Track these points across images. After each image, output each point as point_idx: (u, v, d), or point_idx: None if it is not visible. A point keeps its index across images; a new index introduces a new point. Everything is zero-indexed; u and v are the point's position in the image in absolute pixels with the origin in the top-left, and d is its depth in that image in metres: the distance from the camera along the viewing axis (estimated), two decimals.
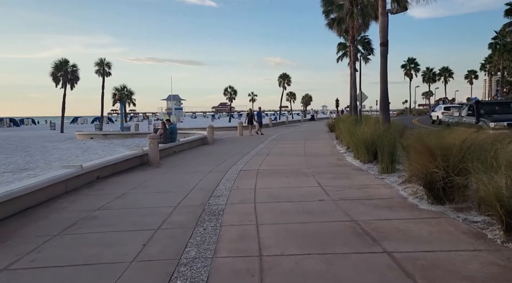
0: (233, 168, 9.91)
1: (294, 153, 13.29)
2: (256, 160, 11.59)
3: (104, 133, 27.15)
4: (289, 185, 7.49)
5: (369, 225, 4.64)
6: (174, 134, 14.60)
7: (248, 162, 11.08)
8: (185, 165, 11.20)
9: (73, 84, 38.12)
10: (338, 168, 9.35)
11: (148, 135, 11.55)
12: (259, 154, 13.27)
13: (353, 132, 11.62)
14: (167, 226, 4.97)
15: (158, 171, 9.94)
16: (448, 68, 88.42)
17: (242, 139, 20.86)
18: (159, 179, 8.82)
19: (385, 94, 13.74)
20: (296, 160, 11.30)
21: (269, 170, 9.51)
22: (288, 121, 47.71)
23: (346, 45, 40.62)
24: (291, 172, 9.00)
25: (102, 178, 8.91)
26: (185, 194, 6.91)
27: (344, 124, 15.46)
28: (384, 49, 13.47)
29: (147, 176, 9.14)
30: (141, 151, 11.29)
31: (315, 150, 13.96)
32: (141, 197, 6.87)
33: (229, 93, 67.87)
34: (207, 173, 9.24)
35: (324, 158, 11.52)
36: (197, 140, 17.61)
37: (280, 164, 10.58)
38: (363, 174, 8.37)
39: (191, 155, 13.67)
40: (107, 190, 7.54)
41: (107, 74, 39.83)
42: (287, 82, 73.49)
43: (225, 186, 7.51)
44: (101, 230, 4.90)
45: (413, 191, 6.15)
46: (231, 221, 5.04)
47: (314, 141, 17.72)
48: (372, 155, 9.44)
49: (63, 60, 37.66)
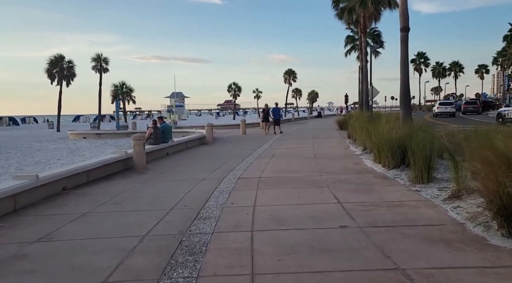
0: (230, 175, 8.29)
1: (302, 154, 11.64)
2: (259, 163, 9.95)
3: (97, 133, 25.63)
4: (298, 200, 5.84)
5: (427, 280, 2.99)
6: (167, 134, 13.01)
7: (249, 167, 9.45)
8: (175, 170, 9.60)
9: (69, 81, 36.57)
10: (357, 175, 7.68)
11: (133, 135, 9.99)
12: (262, 156, 11.64)
13: (371, 131, 9.95)
14: (118, 277, 3.35)
15: (142, 179, 8.34)
16: (458, 63, 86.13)
17: (244, 139, 19.24)
18: (138, 190, 7.22)
19: (406, 87, 12.02)
20: (305, 163, 9.65)
21: (273, 177, 7.87)
22: (294, 119, 45.93)
23: (354, 38, 38.79)
24: (300, 181, 7.36)
25: (70, 188, 7.34)
26: (163, 214, 5.30)
27: (358, 122, 13.78)
28: (404, 35, 11.74)
29: (127, 186, 7.55)
30: (124, 154, 9.71)
31: (326, 150, 12.29)
32: (104, 220, 5.27)
33: (233, 90, 66.17)
34: (199, 182, 7.63)
35: (338, 161, 9.85)
36: (195, 140, 16.01)
37: (286, 169, 8.94)
38: (390, 184, 6.70)
39: (185, 157, 12.07)
40: (68, 207, 5.95)
41: (104, 71, 38.24)
42: (292, 79, 71.58)
43: (216, 202, 5.89)
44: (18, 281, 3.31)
45: (469, 213, 4.48)
46: (214, 267, 3.42)
47: (323, 140, 16.04)
48: (398, 158, 7.76)
49: (59, 56, 36.11)
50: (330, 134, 19.66)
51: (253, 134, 21.69)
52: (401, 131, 7.92)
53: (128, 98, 41.58)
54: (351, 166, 8.97)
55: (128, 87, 41.28)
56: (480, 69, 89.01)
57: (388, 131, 8.26)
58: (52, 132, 34.46)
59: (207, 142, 16.57)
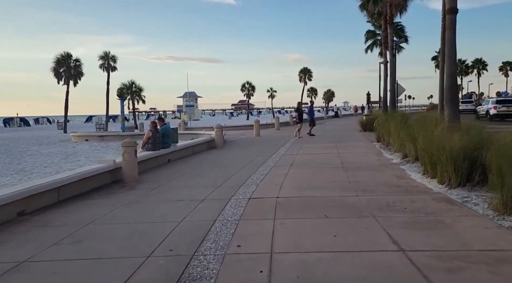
0: (239, 193, 6.45)
1: (327, 162, 9.72)
2: (275, 175, 8.08)
3: (100, 135, 24.07)
4: (335, 242, 3.95)
5: None
6: (168, 138, 11.26)
7: (263, 180, 7.59)
8: (173, 184, 7.80)
9: (77, 80, 35.21)
10: (409, 196, 5.73)
11: (123, 141, 8.24)
12: (279, 164, 9.76)
13: (416, 135, 7.99)
14: None
15: (126, 198, 6.56)
16: (481, 60, 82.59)
17: (258, 142, 17.38)
18: (115, 216, 5.43)
19: (453, 81, 9.95)
20: (333, 176, 7.74)
21: (295, 198, 5.99)
22: None
23: (375, 33, 36.52)
24: (332, 204, 5.46)
25: (31, 212, 5.61)
26: (135, 266, 3.50)
27: (391, 123, 11.76)
28: (451, 18, 9.67)
29: (102, 210, 5.77)
30: (111, 164, 7.97)
31: (355, 157, 10.34)
32: (39, 279, 3.47)
33: (246, 89, 64.33)
34: (198, 204, 5.82)
35: (375, 173, 7.90)
36: (202, 144, 14.23)
37: (310, 184, 7.05)
38: (464, 214, 4.74)
39: (188, 166, 10.28)
40: (5, 249, 4.20)
41: (112, 69, 36.81)
42: (308, 77, 69.48)
43: (216, 243, 4.05)
44: None
45: None
46: None
47: (348, 144, 14.06)
48: (464, 174, 5.77)
49: (66, 54, 34.77)
50: (354, 136, 17.63)
51: (267, 137, 19.83)
52: (467, 138, 5.93)
53: (137, 98, 40.17)
54: (394, 180, 7.01)
55: (137, 86, 39.82)
56: (504, 67, 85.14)
57: (449, 138, 6.25)
58: (58, 134, 33.20)
59: (216, 145, 14.78)
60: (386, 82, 26.32)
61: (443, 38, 12.78)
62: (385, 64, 27.14)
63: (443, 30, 12.77)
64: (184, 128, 28.24)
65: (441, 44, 13.27)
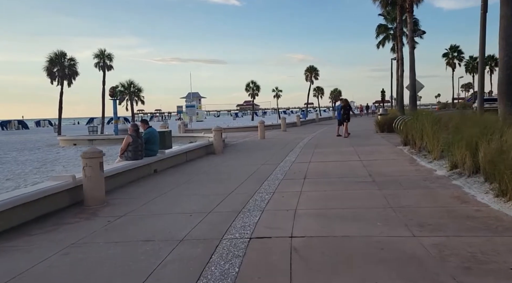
0: (235, 227, 4.44)
1: (350, 173, 7.70)
2: (285, 194, 6.07)
3: (90, 139, 22.08)
4: None
5: None
6: (154, 144, 9.27)
7: (269, 203, 5.57)
8: (147, 208, 5.80)
9: (71, 80, 33.34)
10: (500, 240, 3.68)
11: (83, 151, 6.27)
12: (289, 176, 7.75)
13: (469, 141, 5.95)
14: None
15: (75, 235, 4.56)
16: (494, 57, 79.48)
17: (263, 145, 15.37)
18: (34, 279, 3.43)
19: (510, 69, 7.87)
20: (365, 195, 5.71)
21: (320, 240, 3.95)
22: (319, 119, 41.85)
23: (387, 27, 34.43)
24: (380, 257, 3.43)
25: None
26: None
27: (423, 123, 9.69)
28: None
29: (26, 260, 3.79)
30: (70, 181, 6.03)
31: (383, 166, 8.29)
32: None
33: (251, 89, 62.32)
34: (171, 249, 3.83)
35: (422, 192, 5.83)
36: (199, 149, 12.23)
37: (336, 211, 5.02)
38: None
39: (175, 179, 8.29)
40: None
41: (108, 68, 34.84)
42: (314, 76, 67.30)
43: None
44: None
45: None
46: None
47: (369, 148, 12.00)
48: None
49: (59, 52, 32.77)
50: (372, 138, 15.55)
51: (273, 139, 17.81)
52: None
53: (136, 99, 38.18)
54: (456, 206, 4.95)
55: (136, 86, 37.85)
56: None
57: None
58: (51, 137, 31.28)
59: (214, 151, 12.78)
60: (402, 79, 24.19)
61: (483, 19, 10.71)
62: (400, 59, 25.01)
63: (484, 12, 10.72)
64: (184, 131, 26.33)
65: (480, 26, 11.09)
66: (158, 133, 13.13)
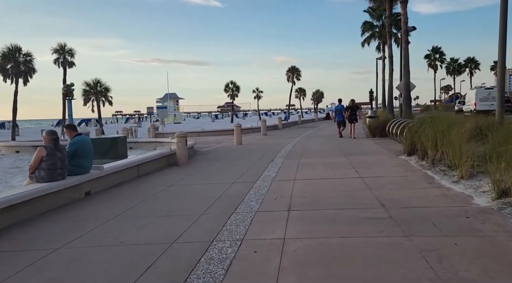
0: None
1: (351, 200, 5.50)
2: (258, 251, 3.79)
3: (34, 145, 19.36)
4: None
5: None
6: (85, 159, 6.82)
7: (227, 275, 3.28)
8: (37, 267, 3.42)
9: (27, 78, 30.21)
10: None
11: None
12: (266, 206, 5.48)
13: None
14: None
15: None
16: (474, 59, 79.80)
17: (239, 153, 13.09)
18: None
19: None
20: (386, 253, 3.49)
21: None
22: (301, 121, 39.87)
23: (373, 24, 32.73)
24: None
25: None
26: None
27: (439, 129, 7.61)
28: None
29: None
30: None
31: (395, 190, 6.12)
32: None
33: (230, 90, 59.85)
34: None
35: (473, 241, 3.65)
36: (156, 160, 9.74)
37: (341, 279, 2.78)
38: None
39: (109, 209, 5.89)
40: None
41: (69, 65, 31.80)
42: (296, 77, 65.38)
43: None
44: None
45: None
46: None
47: (365, 158, 9.87)
48: None
49: (14, 47, 29.55)
50: (365, 145, 13.48)
51: (251, 145, 15.55)
52: None
53: (103, 100, 35.10)
54: None
55: (103, 86, 34.76)
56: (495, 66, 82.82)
57: None
58: None
59: (177, 161, 10.37)
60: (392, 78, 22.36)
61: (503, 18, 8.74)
62: (390, 56, 23.18)
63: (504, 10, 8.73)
64: (154, 135, 23.71)
65: None
66: (109, 141, 10.66)
